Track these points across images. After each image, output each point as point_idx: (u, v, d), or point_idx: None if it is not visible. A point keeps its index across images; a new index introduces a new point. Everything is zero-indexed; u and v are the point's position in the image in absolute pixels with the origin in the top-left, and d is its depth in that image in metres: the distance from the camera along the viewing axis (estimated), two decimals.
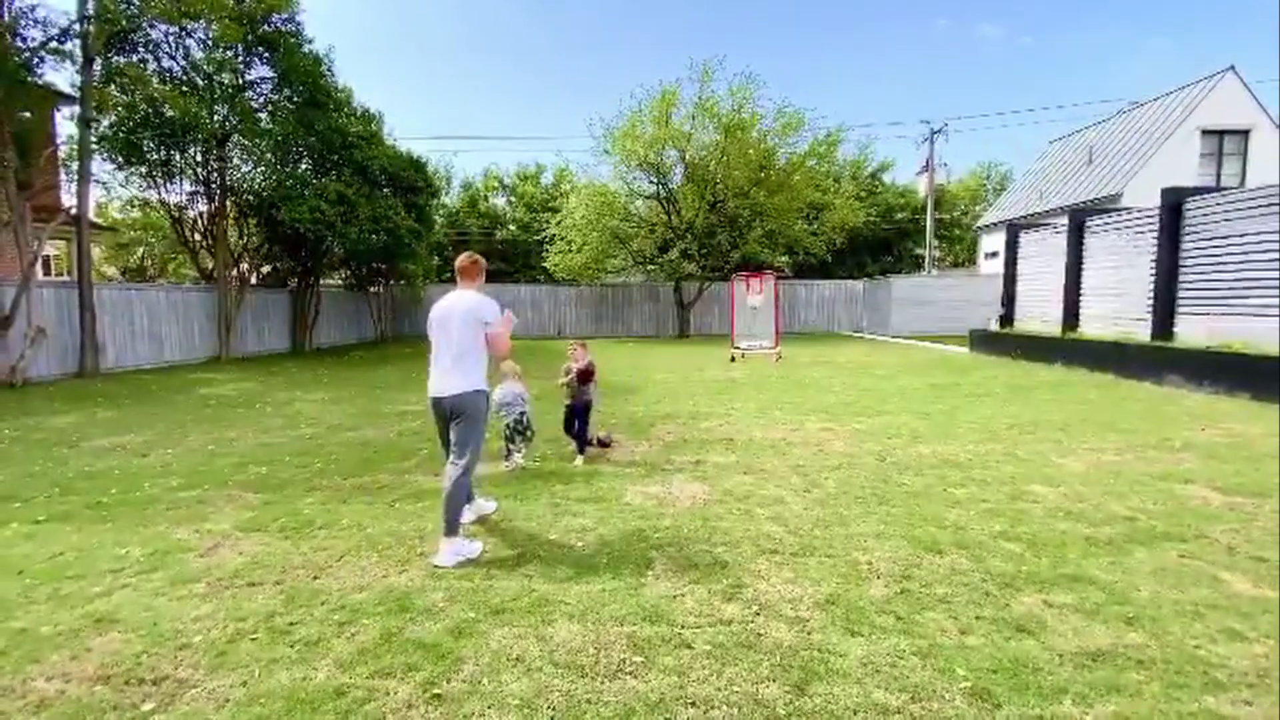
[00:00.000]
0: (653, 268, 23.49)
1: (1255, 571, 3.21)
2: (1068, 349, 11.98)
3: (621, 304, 25.61)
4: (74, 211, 12.77)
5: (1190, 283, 10.04)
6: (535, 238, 26.67)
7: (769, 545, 3.63)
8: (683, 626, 2.76)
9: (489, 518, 4.13)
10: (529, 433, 5.49)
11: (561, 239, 22.36)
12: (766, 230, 22.14)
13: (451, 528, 3.54)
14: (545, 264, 23.84)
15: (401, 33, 78.05)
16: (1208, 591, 3.01)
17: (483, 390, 3.74)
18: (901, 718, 2.15)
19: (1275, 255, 8.60)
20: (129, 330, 13.37)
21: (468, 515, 3.94)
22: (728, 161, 20.62)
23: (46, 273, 19.88)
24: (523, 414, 5.42)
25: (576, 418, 5.60)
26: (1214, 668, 2.40)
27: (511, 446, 5.40)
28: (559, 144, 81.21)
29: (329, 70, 16.09)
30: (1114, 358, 10.72)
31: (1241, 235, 9.16)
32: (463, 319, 3.69)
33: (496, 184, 33.98)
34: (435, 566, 3.39)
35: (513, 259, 30.85)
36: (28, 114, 11.77)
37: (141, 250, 25.02)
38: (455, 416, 3.67)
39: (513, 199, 33.32)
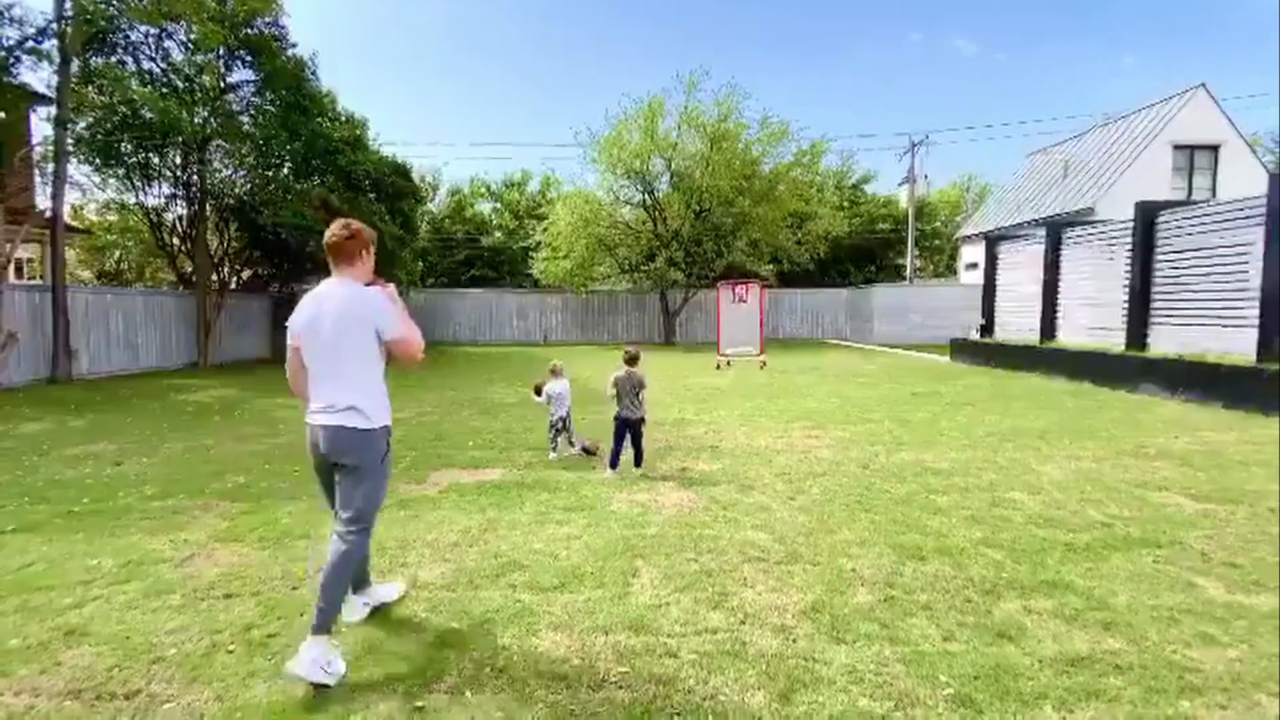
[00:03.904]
0: (639, 275, 23.56)
1: (1229, 577, 3.28)
2: (1046, 358, 12.19)
3: (607, 311, 25.60)
4: (49, 214, 12.52)
5: (1163, 294, 10.27)
6: (521, 244, 26.63)
7: (754, 553, 3.64)
8: (668, 635, 2.75)
9: (389, 606, 2.99)
10: (570, 428, 5.96)
11: (548, 245, 22.37)
12: (751, 239, 22.34)
13: (324, 623, 2.48)
14: (532, 270, 23.80)
15: (388, 40, 77.86)
16: (1183, 597, 3.06)
17: (381, 428, 2.70)
18: None
19: (1244, 267, 8.84)
20: (104, 335, 13.10)
21: (356, 609, 2.87)
22: (713, 171, 20.79)
23: (20, 276, 19.42)
24: (569, 411, 5.99)
25: (629, 431, 5.36)
26: (1190, 672, 2.44)
27: (559, 439, 5.91)
28: (545, 152, 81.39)
29: (313, 75, 15.98)
30: (1090, 366, 10.92)
31: (1212, 248, 9.40)
32: (338, 325, 2.61)
33: (484, 191, 33.92)
34: (292, 675, 2.34)
35: (499, 265, 30.77)
36: (2, 114, 11.55)
37: (118, 254, 24.56)
38: (338, 463, 2.65)
39: (499, 206, 33.27)
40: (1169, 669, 2.46)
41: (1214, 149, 19.69)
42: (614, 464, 5.34)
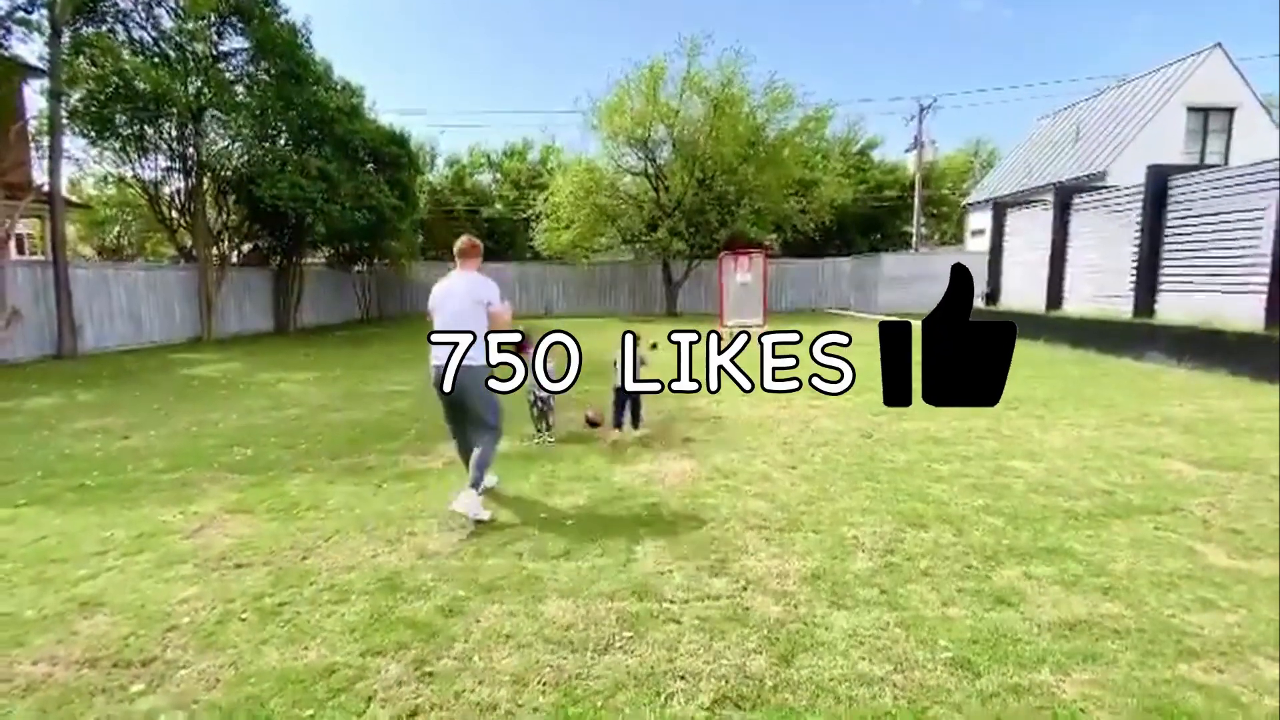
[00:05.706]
0: (641, 245, 23.32)
1: (1229, 543, 3.30)
2: (1051, 325, 12.09)
3: (609, 282, 25.46)
4: (46, 188, 12.41)
5: (1172, 260, 10.14)
6: (522, 215, 26.35)
7: (756, 521, 3.67)
8: (671, 602, 2.79)
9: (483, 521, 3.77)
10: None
11: (549, 216, 22.12)
12: (755, 208, 21.98)
13: (476, 481, 3.78)
14: (533, 242, 23.60)
15: (382, 7, 75.96)
16: (1183, 563, 3.09)
17: (480, 365, 3.89)
18: (885, 687, 2.20)
19: (1256, 233, 8.70)
20: (107, 310, 13.11)
21: (470, 500, 3.76)
22: (716, 137, 20.37)
23: (20, 252, 19.37)
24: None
25: (627, 399, 5.57)
26: (1188, 636, 2.47)
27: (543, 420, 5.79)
28: (545, 119, 80.00)
29: (307, 42, 15.64)
30: (1096, 334, 10.85)
31: (1224, 213, 9.24)
32: (462, 300, 3.91)
33: (483, 161, 33.44)
34: (453, 510, 3.67)
35: (500, 237, 30.50)
36: None
37: (117, 229, 24.44)
38: (457, 391, 3.89)
39: (499, 176, 32.83)
40: (1167, 633, 2.49)
41: (1229, 111, 19.18)
42: (618, 424, 5.52)
